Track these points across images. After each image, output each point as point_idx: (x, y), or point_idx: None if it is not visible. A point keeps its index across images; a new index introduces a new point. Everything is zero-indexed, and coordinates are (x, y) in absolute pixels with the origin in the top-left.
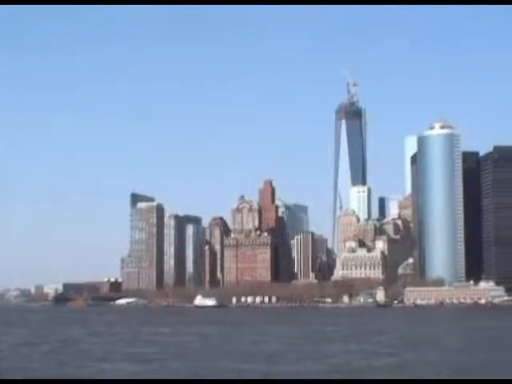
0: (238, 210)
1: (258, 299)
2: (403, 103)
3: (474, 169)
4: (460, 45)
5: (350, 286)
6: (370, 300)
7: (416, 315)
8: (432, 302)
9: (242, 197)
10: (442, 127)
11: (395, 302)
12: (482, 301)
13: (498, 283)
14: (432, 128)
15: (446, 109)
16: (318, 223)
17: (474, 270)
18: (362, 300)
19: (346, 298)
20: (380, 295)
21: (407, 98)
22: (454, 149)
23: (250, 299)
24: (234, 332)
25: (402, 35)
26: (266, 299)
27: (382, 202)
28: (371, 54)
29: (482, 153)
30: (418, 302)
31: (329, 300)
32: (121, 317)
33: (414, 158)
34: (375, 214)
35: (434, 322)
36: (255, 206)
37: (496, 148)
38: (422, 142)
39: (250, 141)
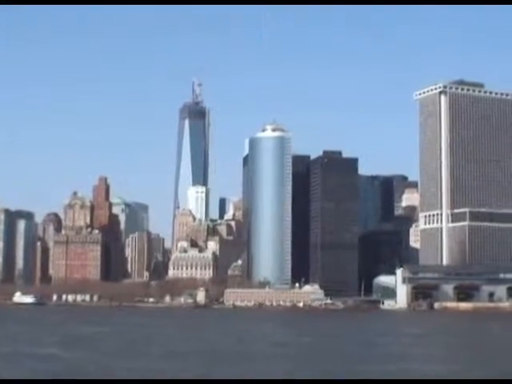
0: (70, 206)
1: (79, 297)
2: (245, 104)
3: (304, 172)
4: (300, 48)
5: (174, 286)
6: (190, 300)
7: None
8: (251, 303)
9: (75, 193)
10: (274, 130)
11: (216, 303)
12: (301, 304)
13: (322, 287)
14: (264, 130)
15: (280, 111)
16: (159, 222)
17: (301, 273)
18: (182, 300)
19: (167, 298)
20: (200, 296)
21: (249, 99)
22: (285, 152)
23: (70, 297)
24: None
25: (248, 34)
26: (88, 298)
27: (223, 203)
28: (218, 53)
29: (313, 156)
30: (238, 303)
31: (151, 300)
32: None
33: (245, 160)
34: (215, 214)
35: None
36: (87, 203)
37: (325, 152)
38: (253, 144)
39: (91, 136)
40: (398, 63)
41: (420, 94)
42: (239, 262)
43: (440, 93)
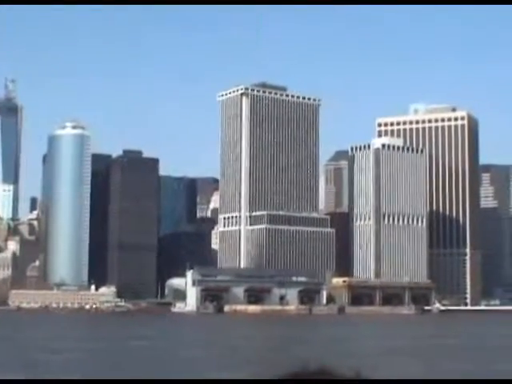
0: None
1: None
2: (56, 101)
3: (103, 172)
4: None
5: None
6: None
7: None
8: (37, 305)
9: None
10: (74, 127)
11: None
12: (88, 306)
13: (120, 288)
14: (64, 128)
15: (77, 109)
16: None
17: (98, 274)
18: None
19: None
20: None
21: (59, 96)
22: (85, 150)
23: None
24: None
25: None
26: None
27: (34, 202)
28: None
29: (114, 156)
30: (24, 305)
31: None
32: None
33: (45, 158)
34: (25, 213)
35: None
36: None
37: (125, 152)
38: (52, 141)
39: None
40: (206, 63)
41: (223, 96)
42: (37, 262)
43: (241, 95)
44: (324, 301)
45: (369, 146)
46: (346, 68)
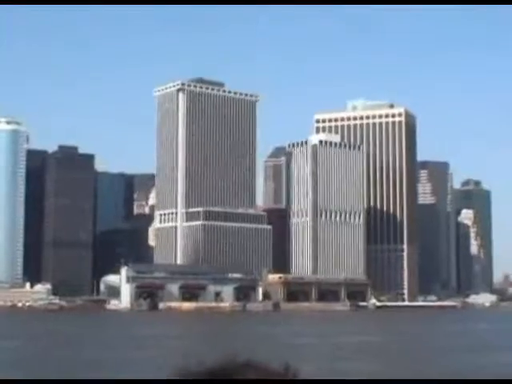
0: None
1: None
2: None
3: (39, 168)
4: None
5: None
6: None
7: None
8: None
9: None
10: (9, 123)
11: None
12: (20, 304)
13: (56, 286)
14: None
15: (13, 104)
16: None
17: (33, 271)
18: None
19: None
20: None
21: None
22: (19, 146)
23: None
24: None
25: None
26: None
27: None
28: None
29: (50, 151)
30: None
31: None
32: None
33: None
34: None
35: None
36: None
37: (61, 147)
38: None
39: None
40: (141, 59)
41: (159, 91)
42: None
43: (178, 90)
44: (260, 297)
45: (306, 143)
46: (285, 64)
